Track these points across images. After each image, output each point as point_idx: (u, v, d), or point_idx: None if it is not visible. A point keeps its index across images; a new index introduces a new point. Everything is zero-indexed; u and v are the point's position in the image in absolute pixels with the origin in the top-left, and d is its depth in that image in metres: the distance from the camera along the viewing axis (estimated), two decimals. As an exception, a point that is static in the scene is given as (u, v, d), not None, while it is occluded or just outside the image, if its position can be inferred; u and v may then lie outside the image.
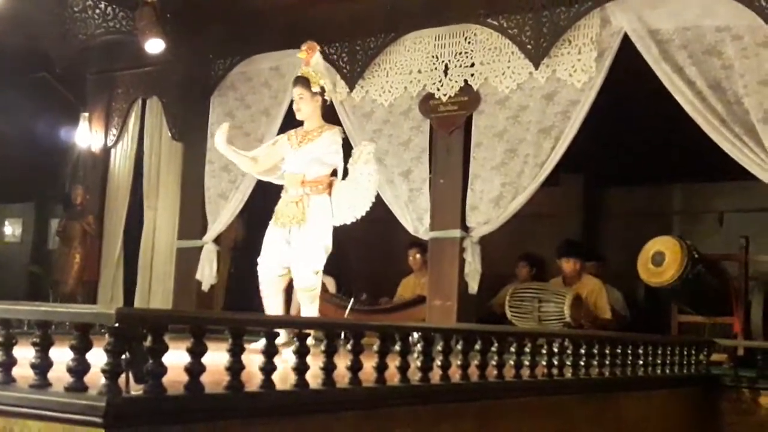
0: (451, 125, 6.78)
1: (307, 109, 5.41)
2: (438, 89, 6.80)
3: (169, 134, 8.24)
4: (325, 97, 5.46)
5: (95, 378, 2.26)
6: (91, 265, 8.43)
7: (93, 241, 8.48)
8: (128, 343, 2.26)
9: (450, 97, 6.75)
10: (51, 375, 2.36)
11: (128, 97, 8.71)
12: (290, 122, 7.55)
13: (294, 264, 5.25)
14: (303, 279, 5.23)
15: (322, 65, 5.60)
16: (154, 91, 8.39)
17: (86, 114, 8.81)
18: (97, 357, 2.27)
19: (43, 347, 2.35)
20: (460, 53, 6.72)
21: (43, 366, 2.34)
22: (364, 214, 5.43)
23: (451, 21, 6.72)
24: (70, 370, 2.26)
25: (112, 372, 2.20)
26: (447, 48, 6.78)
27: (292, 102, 5.62)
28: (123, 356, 2.25)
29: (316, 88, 5.37)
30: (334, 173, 5.36)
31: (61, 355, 2.34)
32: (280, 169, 5.50)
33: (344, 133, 5.74)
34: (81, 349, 2.27)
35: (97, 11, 7.14)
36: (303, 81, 5.40)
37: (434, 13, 6.75)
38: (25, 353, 2.42)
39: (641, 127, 7.44)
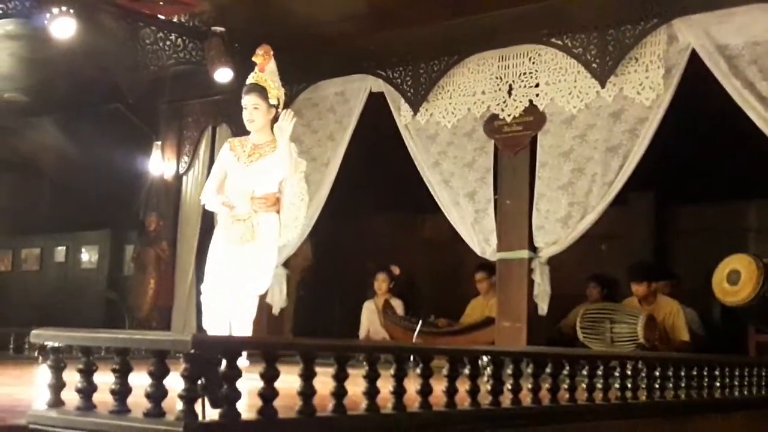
0: (516, 145, 6.77)
1: (261, 121, 5.04)
2: (502, 110, 6.80)
3: (239, 161, 8.39)
4: (279, 110, 5.10)
5: (172, 403, 2.32)
6: (165, 290, 8.60)
7: (167, 266, 8.65)
8: (203, 368, 2.31)
9: (514, 117, 6.74)
10: (129, 401, 2.42)
11: (198, 125, 8.91)
12: (355, 146, 7.66)
13: (237, 286, 4.95)
14: (243, 303, 4.94)
15: (277, 73, 5.22)
16: (223, 119, 8.57)
17: (158, 143, 9.04)
18: (174, 382, 2.33)
19: (122, 374, 2.42)
20: (525, 73, 6.71)
21: (122, 392, 2.40)
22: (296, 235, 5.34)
23: (514, 42, 6.72)
24: (148, 395, 2.32)
25: (188, 397, 2.25)
26: (511, 69, 6.78)
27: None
28: (199, 381, 2.30)
29: (273, 101, 5.05)
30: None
31: (139, 379, 2.41)
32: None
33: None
34: (158, 375, 2.33)
35: (168, 43, 7.34)
36: (259, 90, 5.04)
37: (497, 34, 6.76)
38: (104, 379, 2.49)
39: (713, 143, 7.28)
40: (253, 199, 4.96)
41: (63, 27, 6.19)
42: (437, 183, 7.10)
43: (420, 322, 7.18)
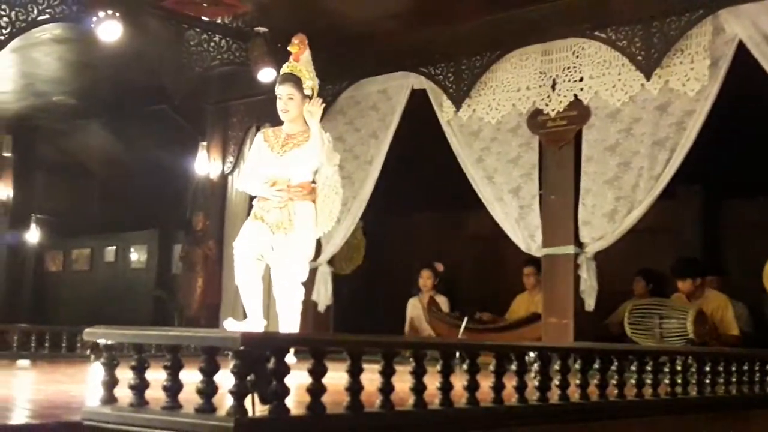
0: (560, 140, 6.71)
1: (295, 111, 5.05)
2: (546, 105, 6.75)
3: (283, 160, 8.46)
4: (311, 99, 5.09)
5: (222, 399, 2.35)
6: (212, 288, 8.71)
7: (214, 265, 8.76)
8: (253, 365, 2.34)
9: (559, 112, 6.69)
10: (181, 397, 2.46)
11: (243, 125, 9.00)
12: (397, 143, 7.67)
13: (279, 275, 4.98)
14: (290, 291, 4.97)
15: (311, 63, 5.18)
16: (267, 119, 8.59)
17: (204, 143, 9.15)
18: (224, 378, 2.36)
19: (173, 370, 2.46)
20: (568, 68, 6.66)
21: (173, 388, 2.44)
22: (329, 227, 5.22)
23: (557, 36, 6.67)
24: (199, 392, 2.36)
25: (239, 393, 2.28)
26: (554, 63, 6.73)
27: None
28: (248, 378, 2.33)
29: (308, 91, 5.03)
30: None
31: (190, 376, 2.45)
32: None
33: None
34: (209, 371, 2.36)
35: (212, 44, 7.42)
36: (295, 80, 5.02)
37: (540, 29, 6.71)
38: (155, 376, 2.54)
39: (763, 135, 7.15)
40: (289, 188, 4.98)
41: (109, 30, 6.29)
42: (480, 179, 7.08)
43: (465, 318, 7.18)
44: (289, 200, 4.97)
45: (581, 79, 6.60)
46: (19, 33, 6.12)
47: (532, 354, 3.27)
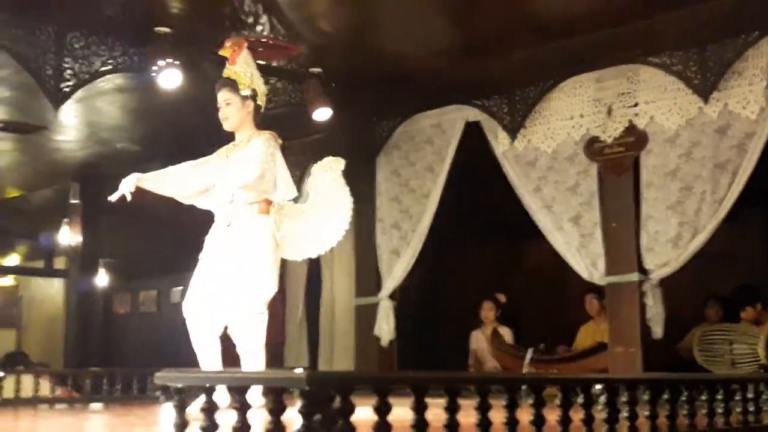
0: (619, 167, 6.67)
1: (236, 117, 4.56)
2: (603, 132, 6.72)
3: (341, 196, 8.53)
4: (258, 102, 4.65)
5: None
6: (275, 328, 8.78)
7: (276, 304, 8.83)
8: (319, 404, 2.37)
9: (615, 138, 6.65)
10: (250, 437, 2.50)
11: (300, 164, 9.10)
12: (454, 176, 7.69)
13: (229, 307, 4.38)
14: (242, 324, 4.37)
15: (253, 63, 4.74)
16: (323, 157, 8.73)
17: (263, 183, 9.28)
18: (290, 416, 2.40)
19: (242, 412, 2.50)
20: (623, 94, 6.63)
21: (242, 429, 2.48)
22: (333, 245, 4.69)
23: (609, 63, 6.65)
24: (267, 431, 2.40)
25: (307, 432, 2.32)
26: (609, 90, 6.71)
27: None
28: (315, 417, 2.36)
29: (246, 91, 4.57)
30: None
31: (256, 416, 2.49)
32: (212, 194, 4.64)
33: (280, 139, 4.76)
34: (276, 411, 2.40)
35: (268, 87, 7.56)
36: (229, 84, 4.56)
37: (592, 57, 6.70)
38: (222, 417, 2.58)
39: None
40: (232, 202, 4.48)
41: (169, 78, 6.46)
42: (539, 209, 7.05)
43: (531, 350, 7.11)
44: (236, 218, 4.44)
45: (636, 105, 6.56)
46: (82, 84, 6.33)
47: (598, 386, 3.24)
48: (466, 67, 7.20)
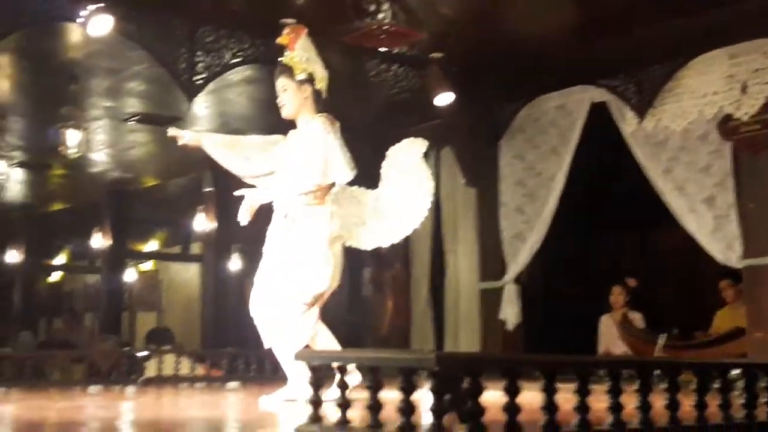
0: (755, 145, 6.38)
1: (293, 104, 4.44)
2: (737, 109, 6.45)
3: (463, 180, 8.54)
4: (317, 87, 4.47)
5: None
6: (401, 310, 8.90)
7: (402, 287, 8.95)
8: (448, 385, 2.41)
9: (751, 116, 6.36)
10: (381, 415, 2.57)
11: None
12: (580, 159, 7.55)
13: (276, 295, 4.30)
14: (284, 317, 4.27)
15: (312, 48, 4.54)
16: (446, 142, 8.75)
17: (386, 168, 9.37)
18: (421, 397, 2.45)
19: (374, 390, 2.57)
20: (759, 69, 6.33)
21: (375, 407, 2.56)
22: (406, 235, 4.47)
23: (744, 38, 6.36)
24: (399, 410, 2.46)
25: (437, 412, 2.36)
26: (743, 66, 6.42)
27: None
28: (445, 397, 2.40)
29: (302, 76, 4.41)
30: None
31: (387, 395, 2.56)
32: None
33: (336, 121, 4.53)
34: (408, 391, 2.46)
35: (390, 74, 7.65)
36: (285, 70, 4.44)
37: (723, 32, 6.43)
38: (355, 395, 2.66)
39: None
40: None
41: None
42: (670, 191, 6.84)
43: (665, 335, 6.92)
44: (292, 207, 4.31)
45: (774, 80, 6.26)
46: (214, 77, 6.59)
47: (735, 371, 3.14)
48: (591, 47, 7.04)
